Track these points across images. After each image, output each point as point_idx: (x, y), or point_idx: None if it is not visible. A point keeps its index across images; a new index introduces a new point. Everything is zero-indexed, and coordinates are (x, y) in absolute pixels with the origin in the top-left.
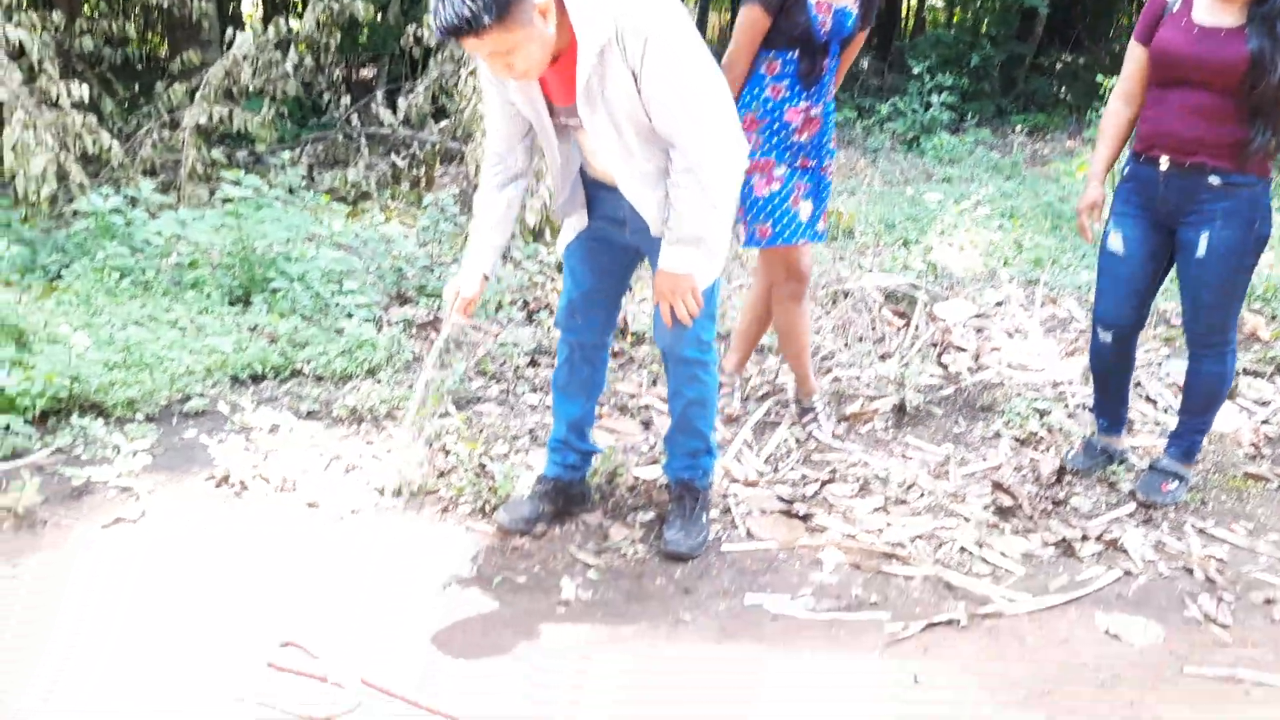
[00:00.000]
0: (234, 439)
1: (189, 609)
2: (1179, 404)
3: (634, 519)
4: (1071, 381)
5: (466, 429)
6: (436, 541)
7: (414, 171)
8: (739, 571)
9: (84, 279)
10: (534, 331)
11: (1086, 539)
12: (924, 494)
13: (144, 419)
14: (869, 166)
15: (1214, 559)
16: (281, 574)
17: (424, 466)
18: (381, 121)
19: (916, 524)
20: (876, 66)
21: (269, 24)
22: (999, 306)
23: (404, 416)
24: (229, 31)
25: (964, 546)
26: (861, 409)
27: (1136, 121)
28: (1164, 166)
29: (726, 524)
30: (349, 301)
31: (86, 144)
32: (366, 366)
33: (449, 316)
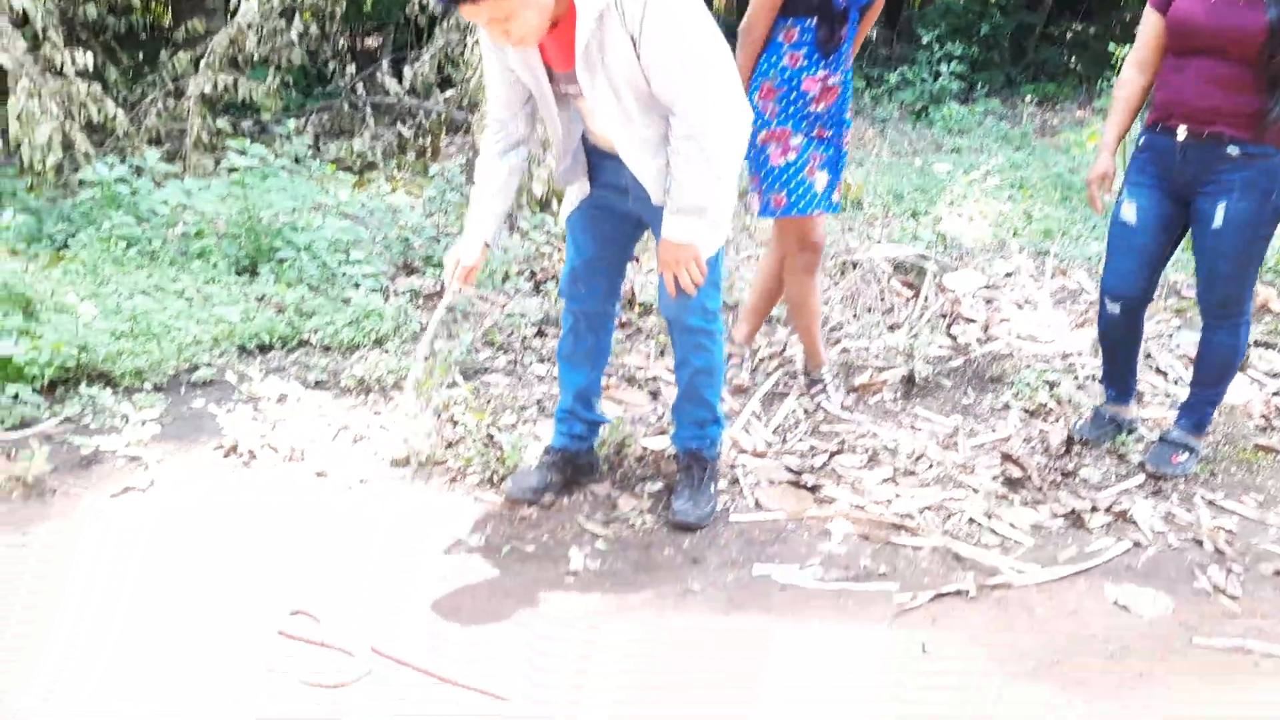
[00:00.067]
0: (242, 409)
1: (198, 578)
2: (1190, 376)
3: (642, 489)
4: (1081, 353)
5: (474, 399)
6: (444, 511)
7: (420, 141)
8: (747, 542)
9: (90, 248)
10: (541, 302)
11: (1096, 510)
12: (933, 465)
13: (152, 388)
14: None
15: (1223, 530)
16: (290, 543)
17: (432, 437)
18: (387, 91)
19: (925, 495)
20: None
21: None
22: (1008, 278)
23: (407, 383)
24: None
25: (973, 518)
26: (870, 380)
27: (1150, 91)
28: (1181, 136)
29: (735, 494)
30: (356, 271)
31: (91, 113)
32: (374, 337)
33: (450, 284)
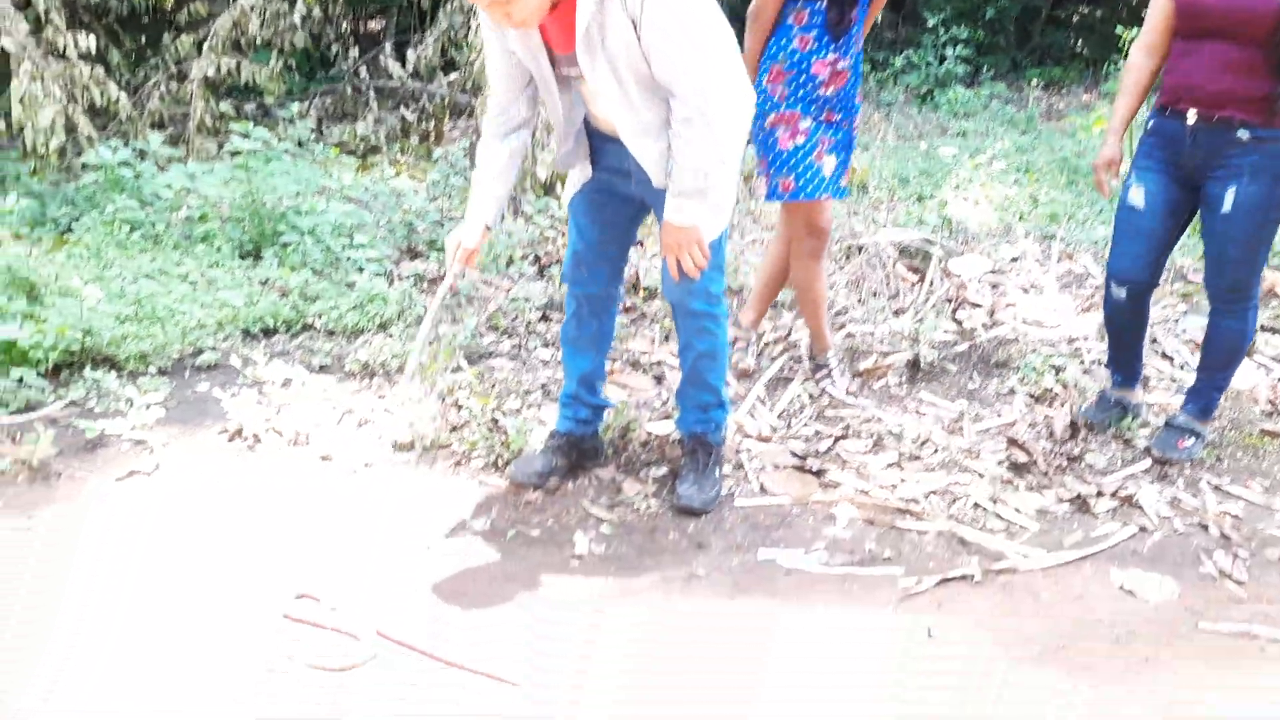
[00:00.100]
0: (246, 393)
1: (203, 562)
2: (1196, 361)
3: (647, 474)
4: (1087, 337)
5: (478, 384)
6: (449, 495)
7: (423, 125)
8: (752, 526)
9: (94, 232)
10: (545, 286)
11: (1101, 495)
12: (938, 450)
13: (156, 372)
14: (882, 120)
15: (1229, 515)
16: (295, 527)
17: (436, 421)
18: (390, 74)
19: (930, 480)
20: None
21: None
22: (1014, 262)
23: (406, 367)
24: None
25: (978, 502)
26: (875, 365)
27: (1158, 74)
28: (1191, 120)
29: (739, 479)
30: (360, 255)
31: (94, 96)
32: (378, 321)
33: (451, 267)
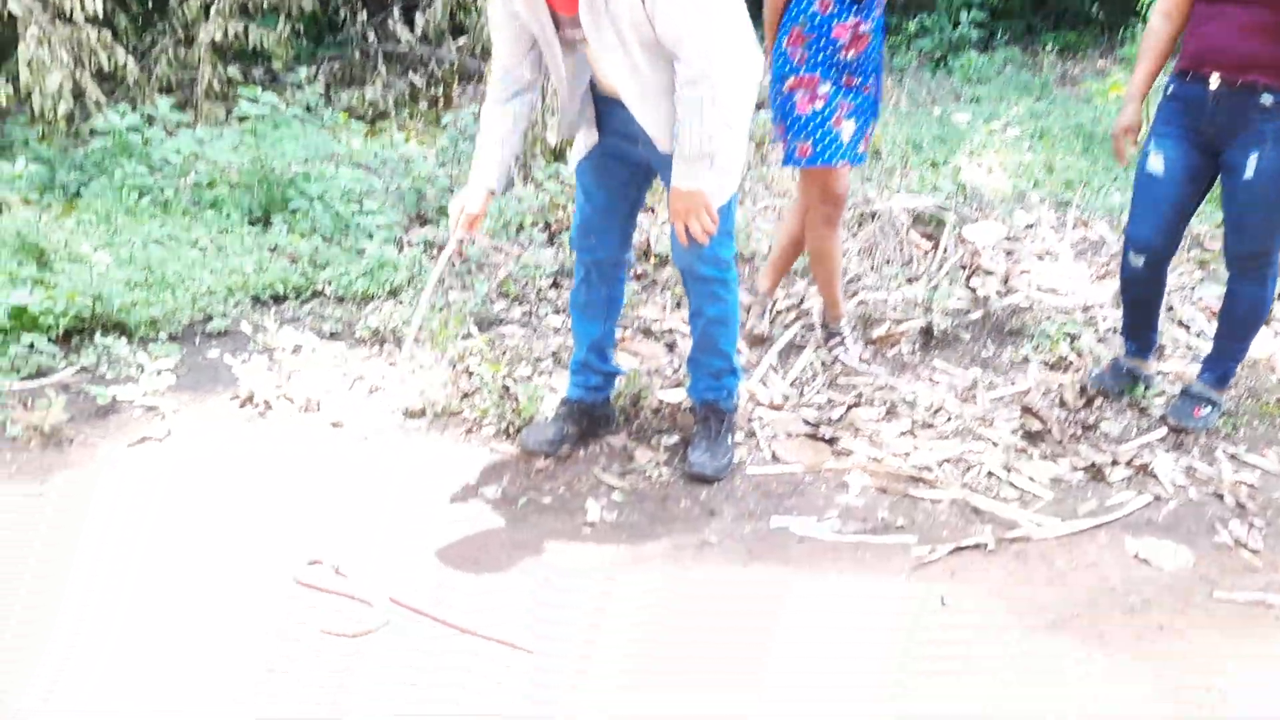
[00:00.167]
0: (257, 359)
1: (216, 527)
2: (1213, 329)
3: (658, 441)
4: (1102, 305)
5: (489, 351)
6: (460, 462)
7: (432, 90)
8: (764, 494)
9: (103, 198)
10: (556, 253)
11: (1116, 464)
12: (951, 418)
13: (167, 338)
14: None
15: (1245, 485)
16: (307, 493)
17: (447, 388)
18: (398, 39)
19: (943, 448)
20: None
21: None
22: (1029, 229)
23: (409, 330)
24: None
25: (991, 471)
26: (888, 332)
27: (1178, 39)
28: (1214, 85)
29: (751, 447)
30: (369, 222)
31: (101, 60)
32: (388, 287)
33: (454, 233)
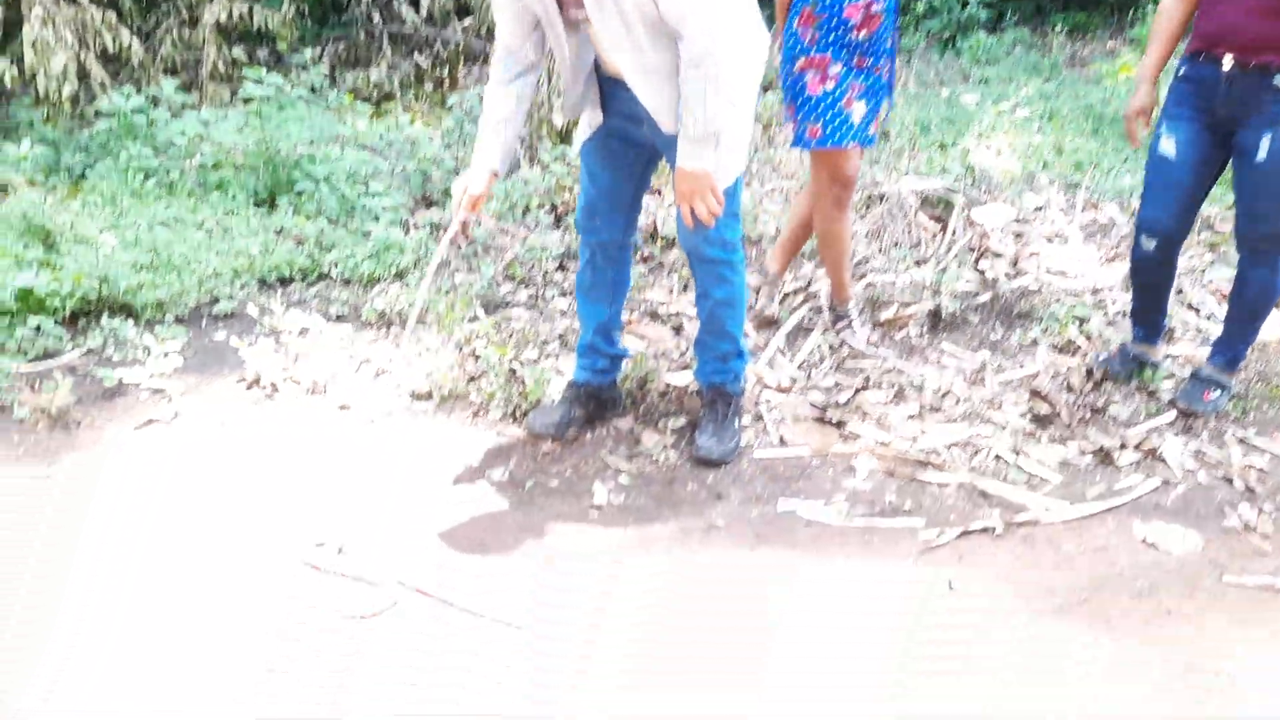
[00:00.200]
0: (264, 341)
1: (223, 510)
2: (1223, 312)
3: (665, 425)
4: (1112, 288)
5: (495, 333)
6: (467, 445)
7: (437, 71)
8: (771, 478)
9: (108, 179)
10: (562, 235)
11: (1125, 447)
12: (959, 401)
13: (173, 321)
14: (903, 67)
15: (1254, 469)
16: (314, 476)
17: (454, 370)
18: (403, 19)
19: (951, 431)
20: None
21: None
22: (1038, 211)
23: (410, 312)
24: None
25: (1000, 454)
26: (896, 315)
27: (1190, 20)
28: (1227, 66)
29: (759, 430)
30: (375, 204)
31: (106, 41)
32: (394, 270)
33: (456, 214)
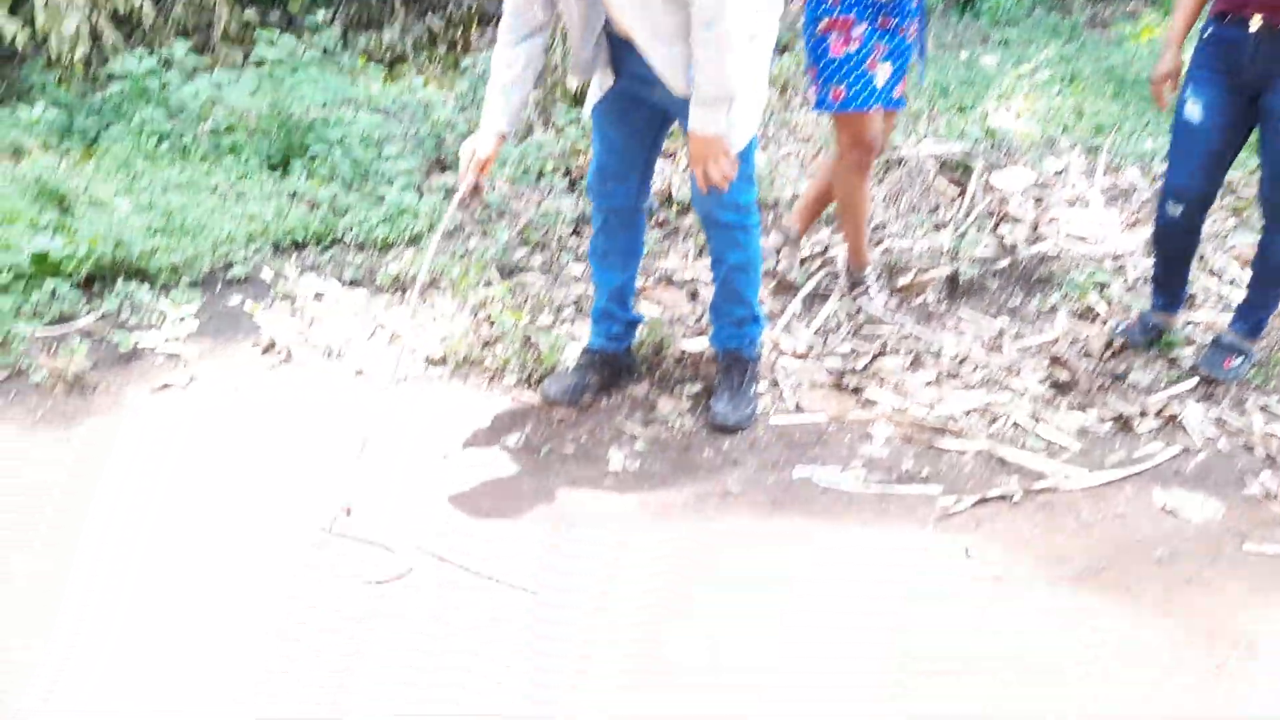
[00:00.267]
0: (279, 306)
1: (240, 475)
2: (1246, 278)
3: (681, 391)
4: (1133, 253)
5: (510, 299)
6: (483, 411)
7: (450, 33)
8: (787, 444)
9: (122, 143)
10: (576, 199)
11: (1145, 415)
12: (977, 368)
13: (188, 285)
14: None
15: (1276, 437)
16: (331, 441)
17: (468, 336)
18: None
19: (969, 398)
20: None
21: None
22: (1058, 176)
23: (418, 276)
24: None
25: (1018, 421)
26: (914, 281)
27: None
28: (1255, 27)
29: (775, 397)
30: (389, 168)
31: (118, 3)
32: (408, 234)
33: (464, 177)
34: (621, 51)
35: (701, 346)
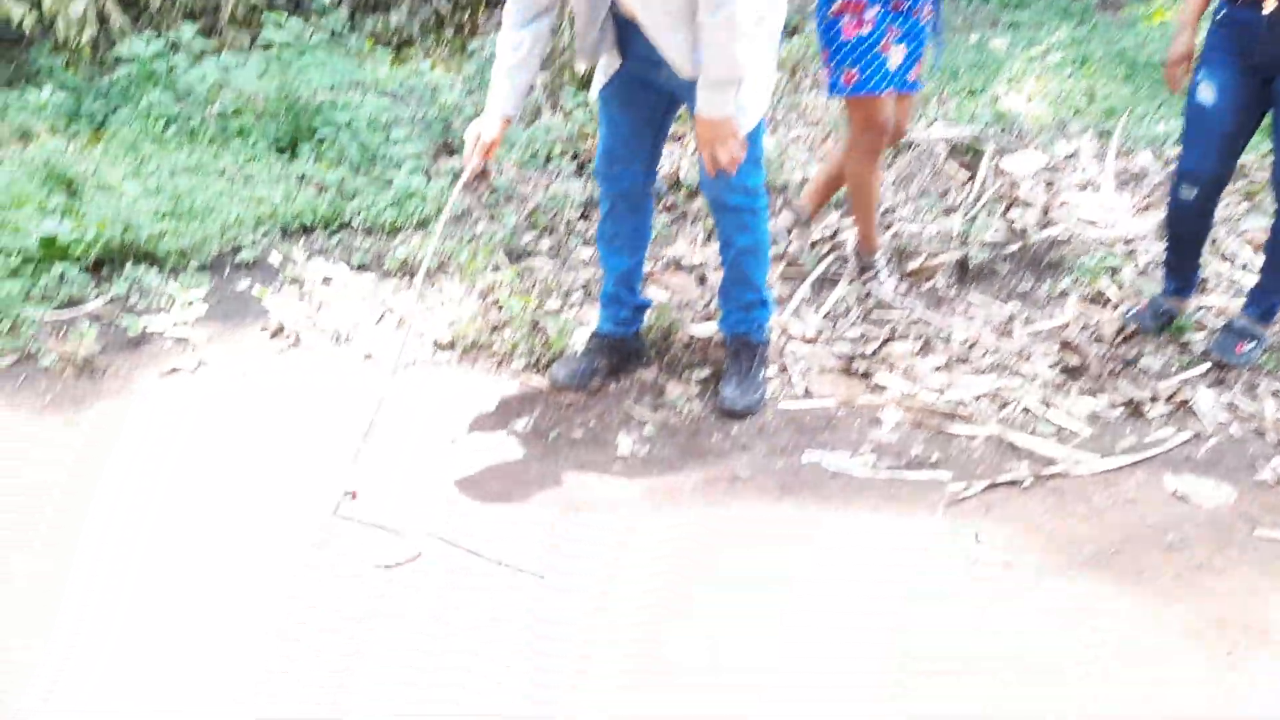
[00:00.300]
0: (287, 290)
1: (250, 458)
2: (1258, 262)
3: (689, 376)
4: (1144, 238)
5: (519, 283)
6: (491, 395)
7: (458, 16)
8: (797, 429)
9: (130, 126)
10: (585, 183)
11: (1156, 400)
12: (987, 353)
13: (196, 269)
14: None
15: None
16: (340, 425)
17: (477, 320)
18: None
19: (979, 383)
20: None
21: None
22: (1069, 159)
23: (422, 260)
24: None
25: (1028, 406)
26: (923, 265)
27: None
28: (1268, 9)
29: (784, 381)
30: (397, 151)
31: None
32: (416, 218)
33: (469, 160)
34: (628, 34)
35: (710, 331)
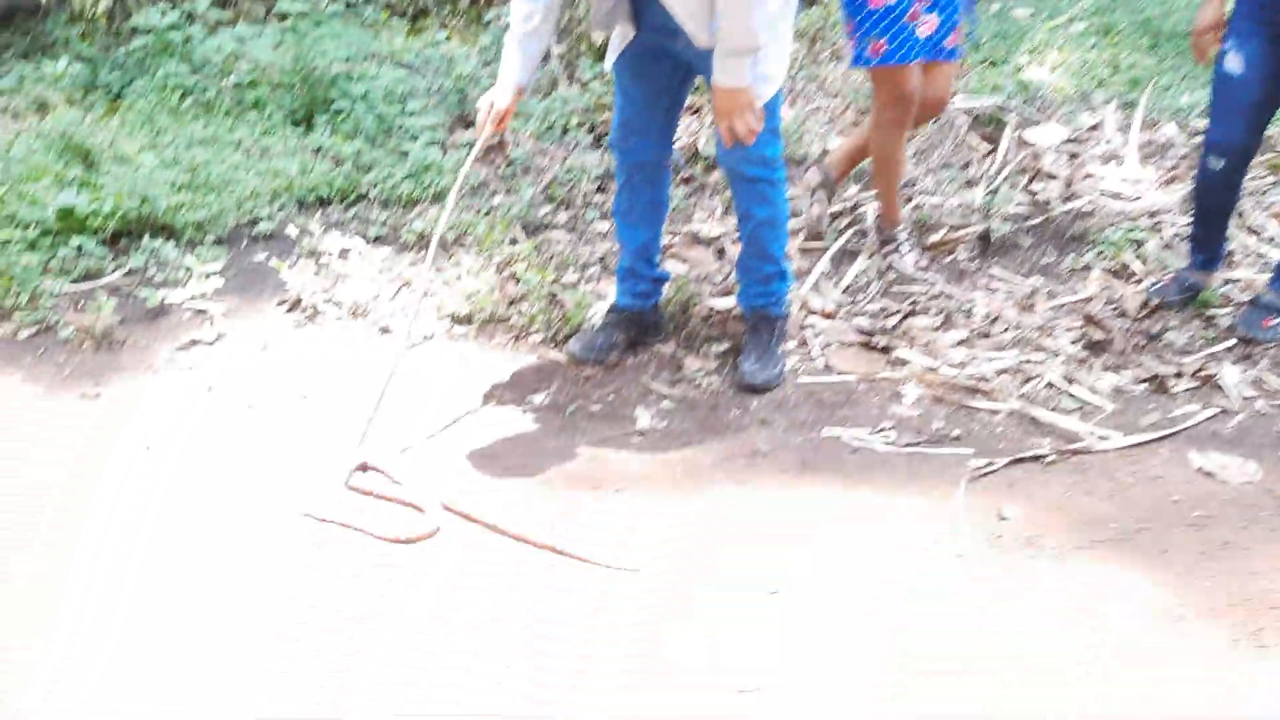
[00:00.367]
0: (304, 263)
1: (268, 430)
2: None
3: (708, 350)
4: (1169, 210)
5: (536, 256)
6: (509, 369)
7: None
8: (816, 404)
9: (146, 98)
10: (601, 155)
11: (1181, 375)
12: (1009, 327)
13: (213, 241)
14: None
15: None
16: (357, 398)
17: (494, 294)
18: None
19: (1001, 358)
20: None
21: None
22: (1093, 131)
23: (434, 231)
24: None
25: (1051, 381)
26: (945, 239)
27: None
28: None
29: (804, 356)
30: (413, 123)
31: None
32: (432, 191)
33: (482, 131)
34: (642, 3)
35: (729, 305)
